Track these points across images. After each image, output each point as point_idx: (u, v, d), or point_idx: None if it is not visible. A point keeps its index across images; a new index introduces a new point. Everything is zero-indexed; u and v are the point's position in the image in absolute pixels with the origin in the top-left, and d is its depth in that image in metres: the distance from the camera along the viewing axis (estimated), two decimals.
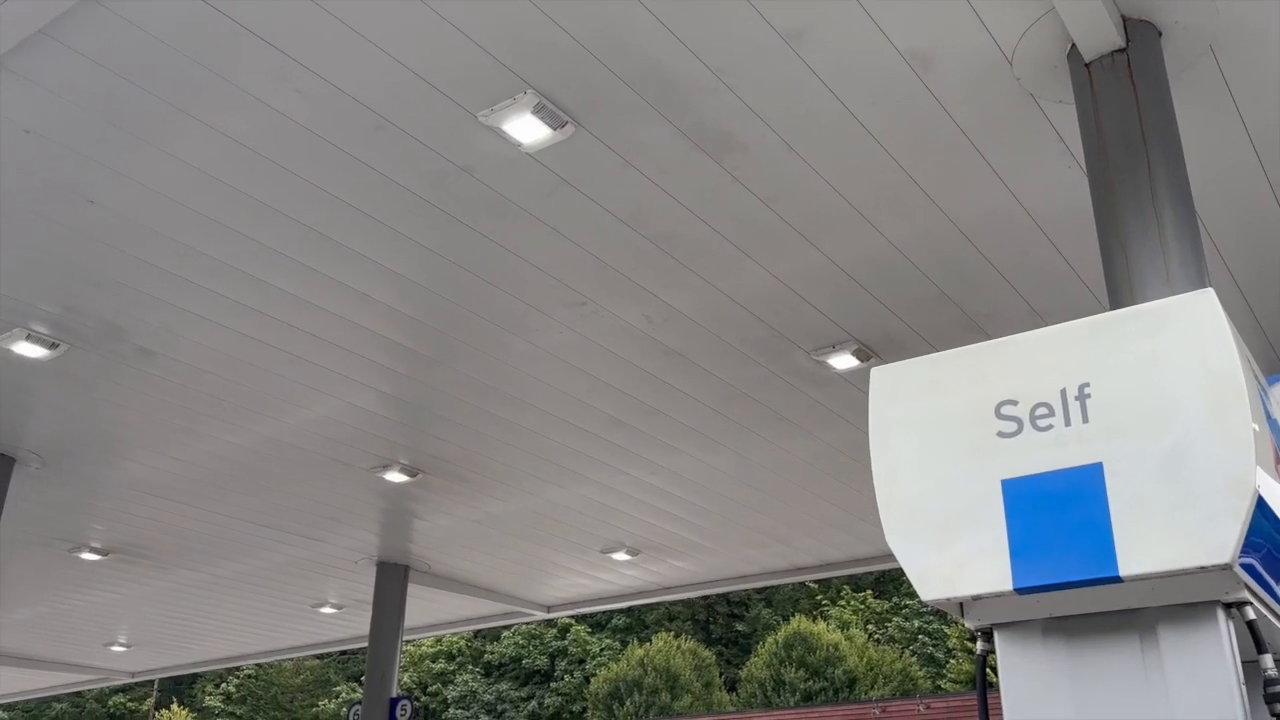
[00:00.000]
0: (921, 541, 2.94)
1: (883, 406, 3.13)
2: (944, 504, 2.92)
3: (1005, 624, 2.88)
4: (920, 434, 3.03)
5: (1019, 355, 2.97)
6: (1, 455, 9.59)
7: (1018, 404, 2.87)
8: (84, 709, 58.45)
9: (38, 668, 19.45)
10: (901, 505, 3.02)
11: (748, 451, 9.72)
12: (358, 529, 12.04)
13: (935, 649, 49.08)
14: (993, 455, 2.88)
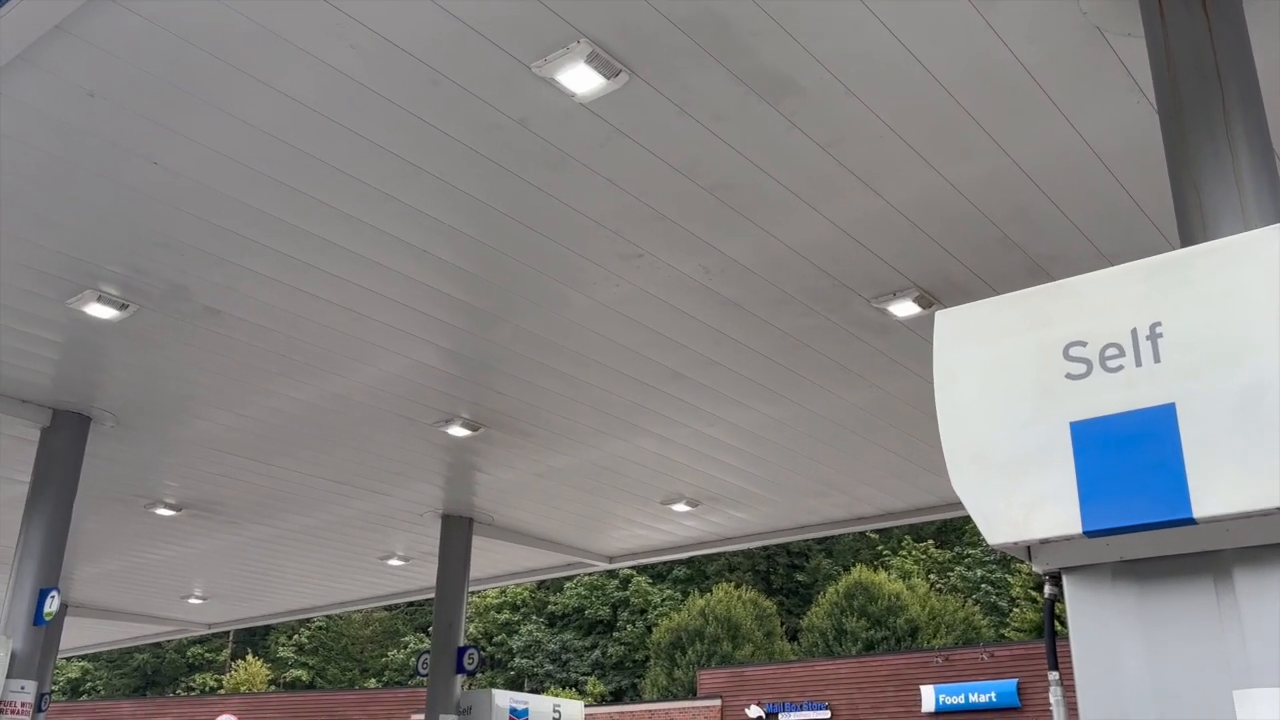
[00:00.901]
0: (988, 485, 2.91)
1: (948, 350, 3.09)
2: (1011, 447, 2.88)
3: (1074, 568, 2.85)
4: (986, 377, 2.99)
5: (1088, 295, 2.90)
6: (77, 415, 9.88)
7: (1087, 345, 2.82)
8: (164, 659, 60.52)
9: (118, 619, 20.14)
10: (967, 449, 2.99)
11: (807, 402, 9.68)
12: (422, 482, 12.23)
13: (998, 598, 48.84)
14: (1061, 397, 2.83)
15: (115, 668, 60.52)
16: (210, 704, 47.30)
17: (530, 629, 55.71)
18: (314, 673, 58.85)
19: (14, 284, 7.46)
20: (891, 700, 32.98)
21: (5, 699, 8.83)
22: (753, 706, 35.28)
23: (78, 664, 57.58)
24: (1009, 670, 31.29)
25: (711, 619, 47.08)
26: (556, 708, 13.80)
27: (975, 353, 3.04)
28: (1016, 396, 2.93)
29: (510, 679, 51.91)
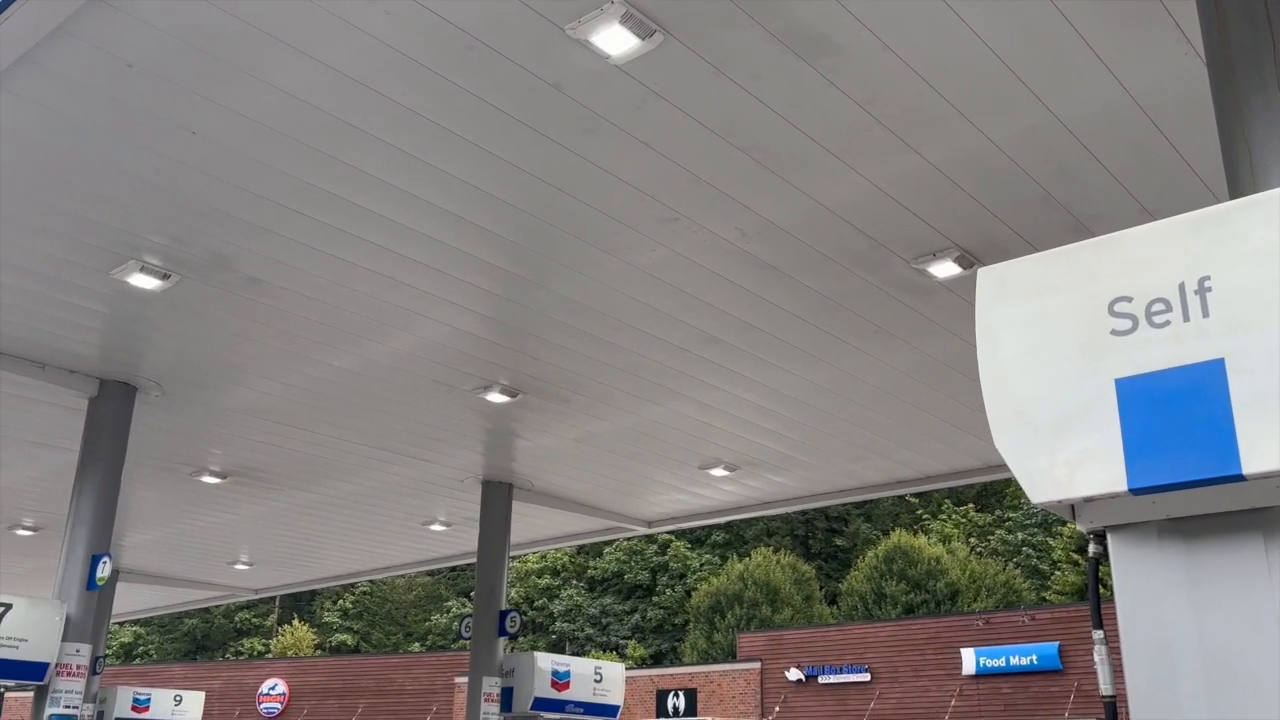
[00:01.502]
0: (1031, 444, 2.87)
1: (990, 307, 3.05)
2: (1054, 405, 2.84)
3: (1119, 526, 2.81)
4: (1029, 334, 2.95)
5: (1134, 250, 2.85)
6: (123, 384, 10.04)
7: (1132, 300, 2.76)
8: (213, 624, 61.78)
9: (168, 585, 20.57)
10: (1010, 407, 2.95)
11: (846, 365, 9.62)
12: (462, 449, 12.33)
13: (1039, 561, 48.60)
14: (1106, 354, 2.78)
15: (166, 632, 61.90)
16: (258, 668, 48.26)
17: (570, 593, 56.24)
18: (359, 637, 59.85)
19: (59, 255, 7.56)
20: (931, 663, 32.99)
21: (61, 661, 9.06)
22: (792, 669, 35.44)
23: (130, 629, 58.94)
24: (1050, 633, 31.18)
25: (750, 583, 47.27)
26: (598, 670, 13.93)
27: (1018, 310, 3.00)
28: (1060, 354, 2.88)
29: (551, 642, 52.47)
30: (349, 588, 59.46)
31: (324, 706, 44.01)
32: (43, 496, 13.95)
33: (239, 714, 44.30)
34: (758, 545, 52.69)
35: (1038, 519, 50.81)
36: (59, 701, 9.07)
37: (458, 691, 39.81)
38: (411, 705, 42.81)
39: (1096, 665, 2.92)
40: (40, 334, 8.96)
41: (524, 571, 55.84)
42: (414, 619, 60.87)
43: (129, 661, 56.65)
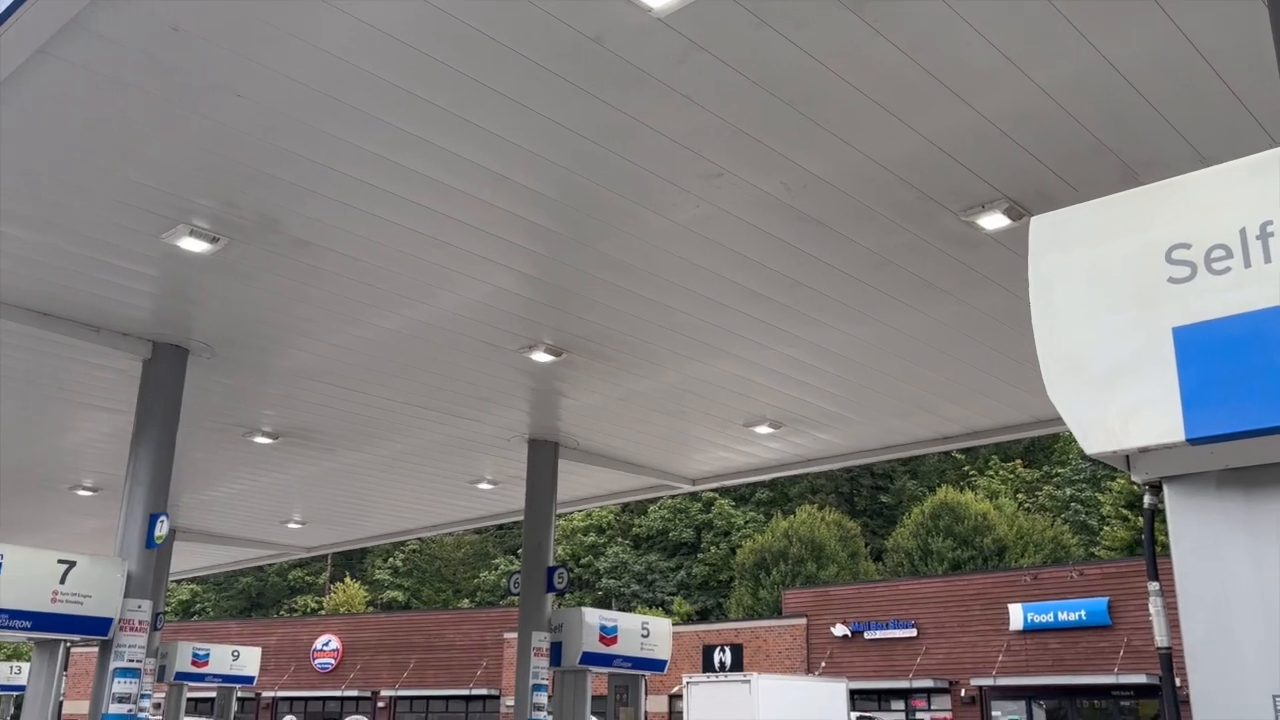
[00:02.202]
0: (1085, 394, 2.83)
1: (1043, 256, 3.00)
2: (1110, 355, 2.80)
3: (1176, 477, 2.77)
4: (1084, 283, 2.89)
5: (1193, 195, 2.78)
6: (175, 347, 10.21)
7: (1191, 247, 2.70)
8: (267, 582, 63.14)
9: (223, 544, 21.02)
10: (1064, 358, 2.91)
11: (892, 320, 9.54)
12: (508, 408, 12.42)
13: (1088, 516, 48.21)
14: (1163, 302, 2.72)
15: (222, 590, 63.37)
16: (312, 624, 49.29)
17: (616, 551, 56.74)
18: (409, 594, 60.89)
19: (110, 220, 7.67)
20: (978, 618, 32.93)
21: (124, 617, 9.31)
22: (838, 625, 35.56)
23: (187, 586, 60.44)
24: (1099, 588, 30.97)
25: (795, 540, 47.40)
26: (645, 625, 14.07)
27: (1072, 258, 2.95)
28: (1115, 302, 2.83)
29: (598, 599, 53.04)
30: (399, 546, 60.44)
31: (376, 661, 44.91)
32: (101, 458, 14.26)
33: (294, 669, 45.34)
34: (802, 503, 52.74)
35: (1086, 474, 50.33)
36: (123, 655, 9.33)
37: (507, 646, 40.44)
38: (462, 660, 43.55)
39: (1152, 617, 2.90)
40: (94, 298, 9.12)
41: (570, 529, 56.38)
42: (463, 576, 61.79)
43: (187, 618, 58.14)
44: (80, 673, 41.24)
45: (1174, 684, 2.81)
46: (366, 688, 44.54)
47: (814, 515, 49.42)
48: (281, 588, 63.79)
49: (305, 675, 45.57)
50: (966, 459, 54.88)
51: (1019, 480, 54.01)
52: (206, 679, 18.32)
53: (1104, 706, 30.49)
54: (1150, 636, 27.88)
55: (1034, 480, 54.15)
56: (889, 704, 34.26)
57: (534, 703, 12.75)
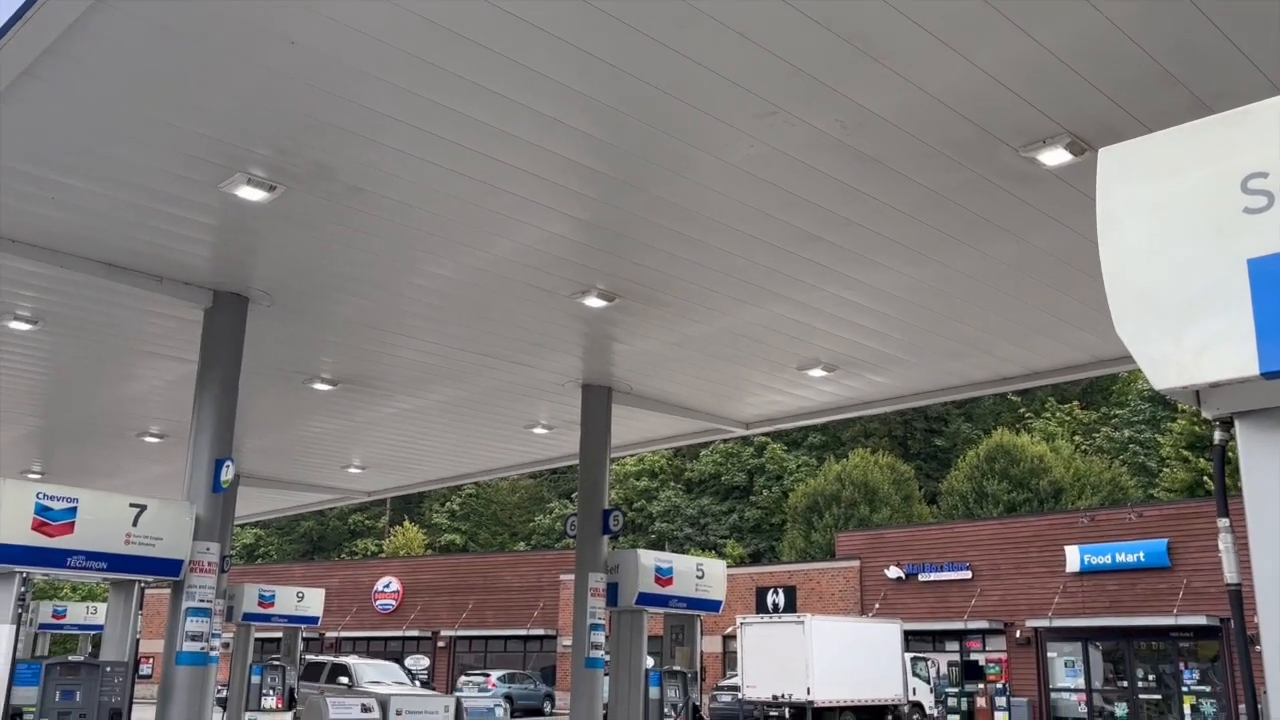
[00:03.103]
0: (1155, 329, 2.78)
1: (1112, 188, 2.93)
2: (1181, 288, 2.74)
3: (1248, 412, 2.72)
4: (1154, 215, 2.83)
5: (1269, 122, 2.70)
6: (236, 295, 10.37)
7: (1268, 176, 2.63)
8: (328, 526, 64.57)
9: (286, 489, 21.51)
10: (1133, 292, 2.86)
11: (950, 260, 9.41)
12: (562, 353, 12.49)
13: (1147, 458, 47.59)
14: (1237, 233, 2.66)
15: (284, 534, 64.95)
16: (373, 566, 50.41)
17: (669, 495, 57.17)
18: (466, 537, 61.97)
19: (169, 170, 7.78)
20: (1034, 560, 32.80)
21: (194, 559, 9.59)
22: (892, 567, 35.62)
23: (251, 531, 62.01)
24: (1158, 530, 30.65)
25: (848, 483, 47.40)
26: (700, 567, 14.19)
27: (1142, 190, 2.88)
28: (1188, 234, 2.77)
29: (651, 542, 53.54)
30: (456, 490, 61.39)
31: (435, 603, 45.90)
32: (166, 405, 14.61)
33: (356, 610, 46.51)
34: (855, 446, 52.63)
35: (1146, 415, 49.58)
36: (194, 596, 9.63)
37: (562, 588, 41.09)
38: (519, 601, 44.36)
39: (1222, 554, 2.87)
40: (156, 248, 9.28)
41: (622, 474, 56.82)
42: (518, 519, 62.70)
43: (251, 561, 59.73)
44: (152, 613, 42.67)
45: (1244, 621, 2.79)
46: (427, 628, 45.61)
47: (867, 459, 49.33)
48: (342, 531, 65.24)
49: (367, 616, 46.75)
50: (1022, 401, 54.32)
51: (1076, 422, 53.38)
52: (273, 619, 18.84)
53: (1162, 648, 30.32)
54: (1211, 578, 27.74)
55: (1091, 422, 53.48)
56: (943, 645, 34.36)
57: (592, 642, 12.97)
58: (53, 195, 8.19)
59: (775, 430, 20.26)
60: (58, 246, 9.21)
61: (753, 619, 30.76)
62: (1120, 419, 51.65)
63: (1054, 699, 31.87)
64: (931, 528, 38.57)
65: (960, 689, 32.84)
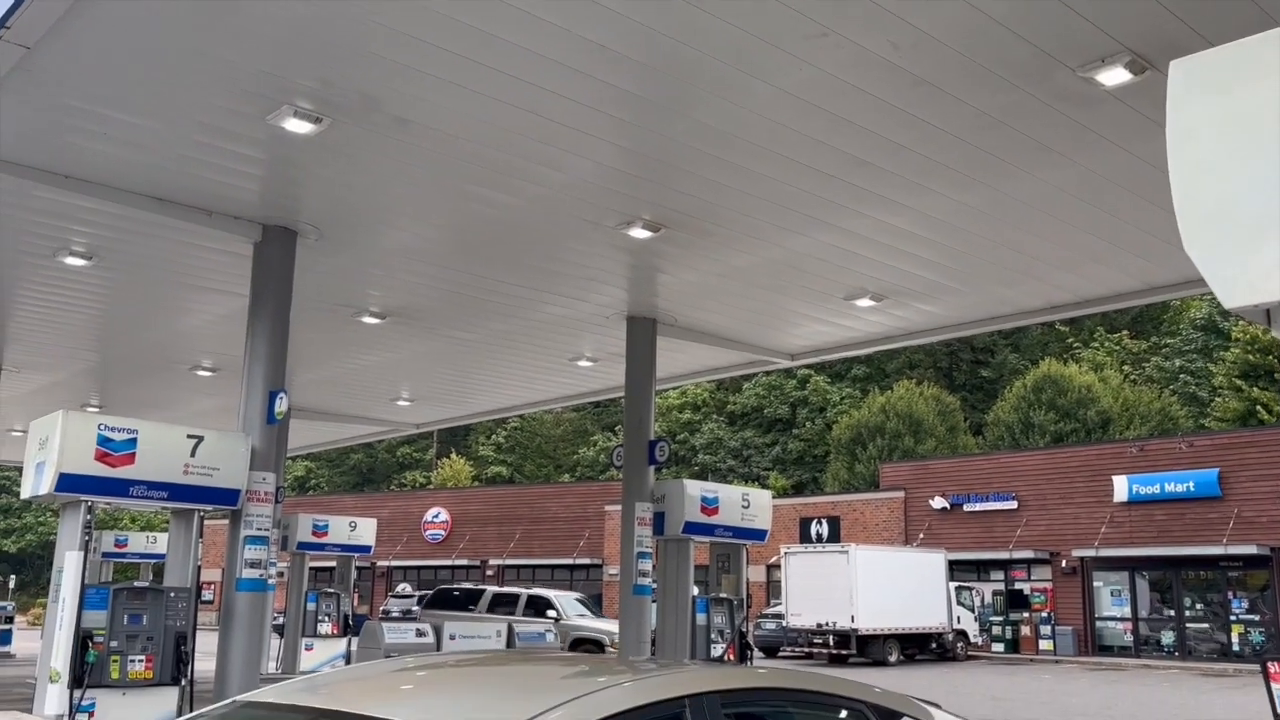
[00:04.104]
0: (1226, 247, 2.72)
1: (1182, 103, 2.84)
2: (1254, 205, 2.67)
3: None
4: (1227, 130, 2.75)
5: None
6: (284, 229, 10.45)
7: None
8: (377, 459, 65.65)
9: (336, 421, 21.85)
10: (1203, 210, 2.79)
11: (1003, 185, 9.23)
12: (607, 285, 12.48)
13: (1198, 388, 46.87)
14: None
15: (334, 466, 66.15)
16: (422, 498, 51.29)
17: (711, 427, 57.32)
18: (512, 469, 62.74)
19: (217, 104, 7.80)
20: (1081, 491, 32.63)
21: (251, 488, 9.80)
22: (937, 498, 35.62)
23: (302, 463, 63.21)
24: (1209, 459, 30.33)
25: (892, 415, 47.21)
26: (745, 496, 14.29)
27: (1215, 104, 2.79)
28: (1262, 149, 2.69)
29: (694, 474, 53.80)
30: (501, 423, 61.99)
31: (484, 533, 46.70)
32: (218, 339, 14.83)
33: (406, 540, 47.44)
34: (899, 378, 52.32)
35: (1198, 344, 48.73)
36: (251, 524, 9.86)
37: (608, 519, 41.57)
38: (565, 531, 45.00)
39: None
40: (206, 183, 9.35)
41: (665, 407, 57.01)
42: (563, 452, 63.27)
43: (303, 493, 60.97)
44: (209, 544, 43.82)
45: None
46: (475, 557, 46.47)
47: (912, 390, 49.05)
48: (391, 464, 66.29)
49: (417, 546, 47.69)
50: (1070, 331, 53.57)
51: (1125, 352, 52.60)
52: (327, 548, 19.28)
53: (1210, 577, 30.18)
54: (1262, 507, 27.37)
55: (1141, 352, 52.68)
56: (988, 575, 34.44)
57: (639, 569, 13.15)
58: (104, 131, 8.27)
59: (820, 361, 20.21)
60: (110, 182, 9.31)
61: (797, 548, 31.00)
62: (1171, 348, 50.80)
63: (1099, 628, 31.92)
64: (977, 458, 38.44)
65: (1005, 618, 32.99)
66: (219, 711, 2.94)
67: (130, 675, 8.82)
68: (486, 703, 2.75)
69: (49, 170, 9.05)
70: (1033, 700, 18.64)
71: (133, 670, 8.84)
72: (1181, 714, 16.86)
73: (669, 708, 2.66)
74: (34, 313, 13.98)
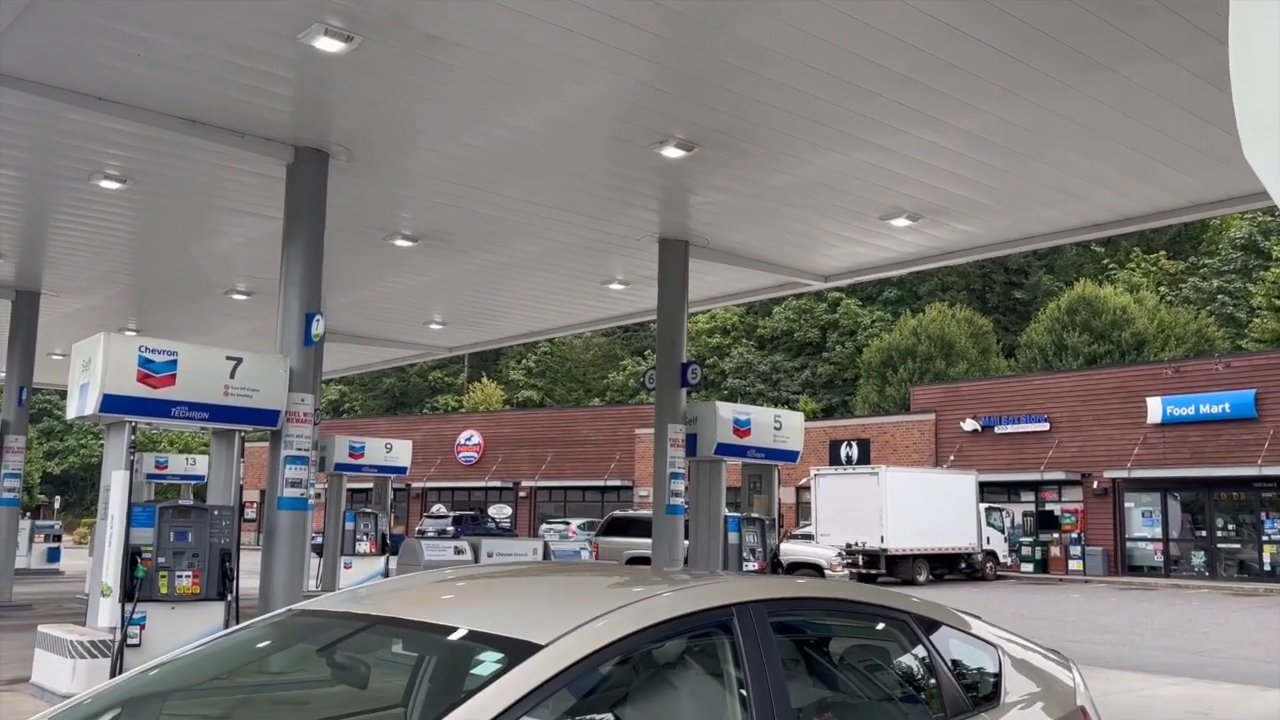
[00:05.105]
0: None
1: (1246, 3, 2.75)
2: None
3: None
4: None
5: None
6: (315, 150, 10.41)
7: None
8: (409, 382, 66.28)
9: (370, 344, 22.02)
10: (1266, 115, 2.71)
11: (1046, 101, 9.02)
12: (639, 207, 12.39)
13: (1235, 309, 46.25)
14: None
15: (367, 390, 66.88)
16: (454, 421, 51.85)
17: (741, 351, 57.32)
18: (543, 393, 63.21)
19: (248, 23, 7.73)
20: (1115, 412, 32.48)
21: (290, 409, 9.93)
22: (968, 420, 35.58)
23: (335, 387, 63.95)
24: (1247, 380, 30.05)
25: (924, 338, 46.98)
26: (777, 418, 14.32)
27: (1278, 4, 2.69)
28: None
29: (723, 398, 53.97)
30: (531, 348, 62.31)
31: (516, 455, 47.26)
32: (251, 262, 14.92)
33: (440, 462, 48.11)
34: (932, 301, 51.93)
35: (1237, 264, 47.95)
36: (291, 445, 10.01)
37: (638, 441, 41.91)
38: (596, 454, 45.45)
39: None
40: (237, 103, 9.31)
41: (694, 331, 57.00)
42: (592, 376, 63.60)
43: (338, 416, 61.79)
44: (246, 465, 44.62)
45: None
46: (508, 479, 47.12)
47: (944, 313, 48.72)
48: (423, 388, 66.93)
49: (450, 468, 48.37)
50: (1106, 252, 52.85)
51: (1161, 273, 51.88)
52: (363, 469, 19.53)
53: (1243, 498, 30.10)
54: None
55: (1178, 272, 51.94)
56: (1018, 496, 34.53)
57: (671, 490, 13.27)
58: (136, 51, 8.23)
59: (854, 283, 20.01)
60: (142, 104, 9.30)
61: (826, 470, 31.16)
62: (1209, 268, 50.02)
63: (1129, 548, 32.02)
64: (1009, 380, 38.27)
65: (1035, 538, 33.14)
66: (275, 619, 3.01)
67: (178, 590, 9.05)
68: (543, 608, 2.80)
69: (81, 92, 9.04)
70: (1063, 619, 18.80)
71: (180, 585, 9.07)
72: (1212, 631, 16.97)
73: (718, 615, 2.70)
74: (70, 236, 14.10)
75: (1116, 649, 14.50)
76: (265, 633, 3.01)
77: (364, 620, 2.86)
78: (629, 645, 2.49)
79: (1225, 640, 15.96)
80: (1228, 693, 10.42)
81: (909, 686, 3.31)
